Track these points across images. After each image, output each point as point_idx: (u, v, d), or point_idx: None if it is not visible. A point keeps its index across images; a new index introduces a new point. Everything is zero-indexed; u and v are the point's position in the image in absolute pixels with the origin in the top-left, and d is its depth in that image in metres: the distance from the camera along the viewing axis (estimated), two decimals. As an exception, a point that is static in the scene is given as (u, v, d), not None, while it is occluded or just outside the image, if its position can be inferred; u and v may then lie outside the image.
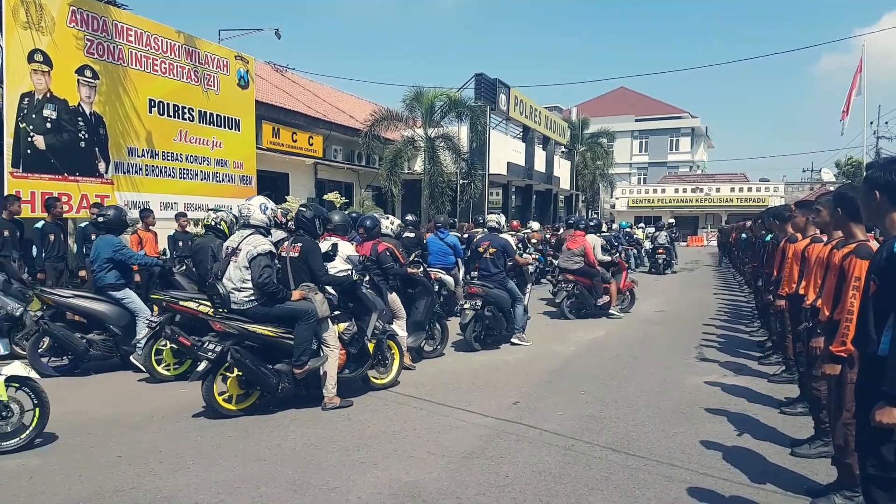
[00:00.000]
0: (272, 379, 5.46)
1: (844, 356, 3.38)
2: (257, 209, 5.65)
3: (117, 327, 6.90)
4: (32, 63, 10.16)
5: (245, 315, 5.41)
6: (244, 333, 5.39)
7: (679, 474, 4.24)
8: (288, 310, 5.50)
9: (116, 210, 7.38)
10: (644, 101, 61.76)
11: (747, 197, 46.22)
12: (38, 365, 6.50)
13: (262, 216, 5.66)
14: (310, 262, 5.74)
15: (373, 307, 6.28)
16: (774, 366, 7.20)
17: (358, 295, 6.21)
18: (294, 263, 5.77)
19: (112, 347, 6.94)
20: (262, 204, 5.73)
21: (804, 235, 5.67)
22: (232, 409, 5.46)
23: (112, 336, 6.91)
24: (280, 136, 19.13)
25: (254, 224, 5.61)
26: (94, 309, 6.89)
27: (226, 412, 5.40)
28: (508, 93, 27.03)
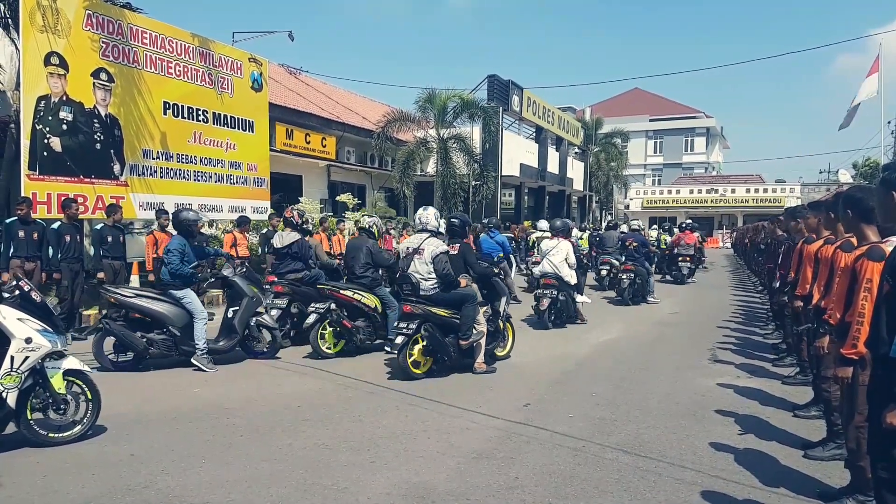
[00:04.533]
0: (449, 349, 6.89)
1: (855, 359, 3.34)
2: (432, 217, 7.16)
3: (176, 327, 7.07)
4: (49, 66, 10.28)
5: (430, 300, 6.87)
6: (428, 314, 6.80)
7: (690, 476, 4.21)
8: (460, 294, 6.96)
9: (188, 212, 7.60)
10: (658, 101, 61.41)
11: (763, 198, 45.88)
12: (101, 360, 6.84)
13: (436, 222, 7.18)
14: (467, 258, 7.30)
15: (503, 293, 7.76)
16: (789, 368, 7.14)
17: (492, 283, 7.65)
18: (453, 259, 7.08)
19: (171, 346, 7.09)
20: (435, 213, 7.27)
21: (818, 237, 5.61)
22: (417, 373, 6.84)
23: (171, 336, 7.07)
24: (293, 138, 19.23)
25: (429, 229, 7.06)
26: (155, 309, 7.06)
27: (414, 375, 6.79)
28: (521, 93, 27.00)
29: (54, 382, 4.70)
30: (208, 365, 7.08)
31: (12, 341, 4.53)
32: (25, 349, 4.54)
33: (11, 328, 4.54)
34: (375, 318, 8.02)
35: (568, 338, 9.41)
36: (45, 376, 4.68)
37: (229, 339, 7.40)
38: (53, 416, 4.74)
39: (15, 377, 4.51)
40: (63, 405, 4.75)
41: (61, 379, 4.73)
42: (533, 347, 8.66)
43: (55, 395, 4.71)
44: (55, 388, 4.70)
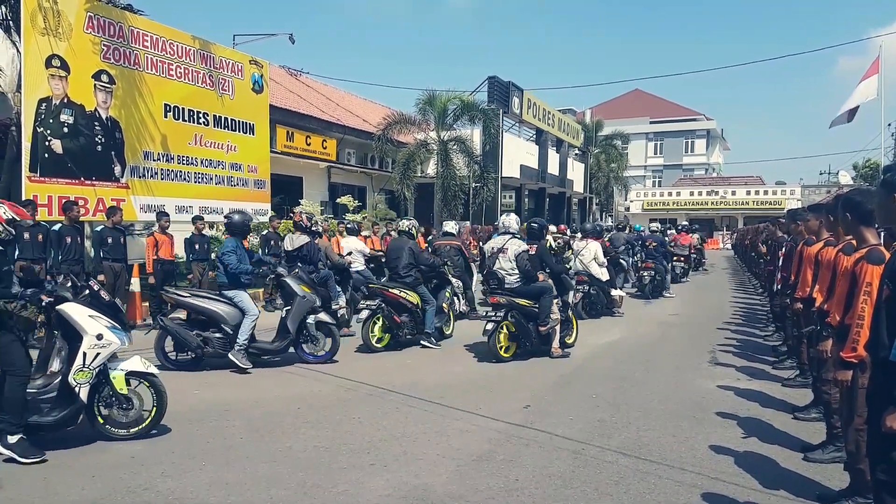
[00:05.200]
0: (531, 334, 7.85)
1: (855, 362, 3.35)
2: (514, 222, 8.27)
3: (230, 326, 7.21)
4: (50, 68, 10.30)
5: (513, 292, 7.84)
6: (512, 304, 7.76)
7: (690, 479, 4.22)
8: (538, 287, 7.92)
9: (242, 215, 7.81)
10: (659, 103, 61.44)
11: (763, 200, 45.91)
12: (161, 358, 7.04)
13: (516, 226, 8.24)
14: (543, 257, 8.38)
15: (570, 287, 8.85)
16: (789, 370, 7.14)
17: (562, 279, 8.59)
18: (531, 257, 7.99)
19: (226, 345, 7.21)
20: (516, 219, 8.35)
21: (818, 238, 5.61)
22: (506, 357, 7.79)
23: (225, 335, 7.21)
24: (294, 140, 19.26)
25: (511, 231, 8.10)
26: (210, 308, 7.25)
27: (502, 358, 7.71)
28: (521, 95, 27.03)
29: (116, 382, 4.84)
30: (244, 361, 7.14)
31: (84, 338, 4.67)
32: (97, 345, 4.68)
33: (84, 325, 4.67)
34: (417, 314, 8.59)
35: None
36: (107, 375, 4.82)
37: (282, 340, 7.51)
38: (119, 413, 4.91)
39: (87, 373, 4.66)
40: (127, 403, 4.91)
41: (123, 379, 4.87)
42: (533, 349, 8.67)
43: (118, 393, 4.86)
44: (117, 388, 4.85)
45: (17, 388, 4.45)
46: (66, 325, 4.73)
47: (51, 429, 4.67)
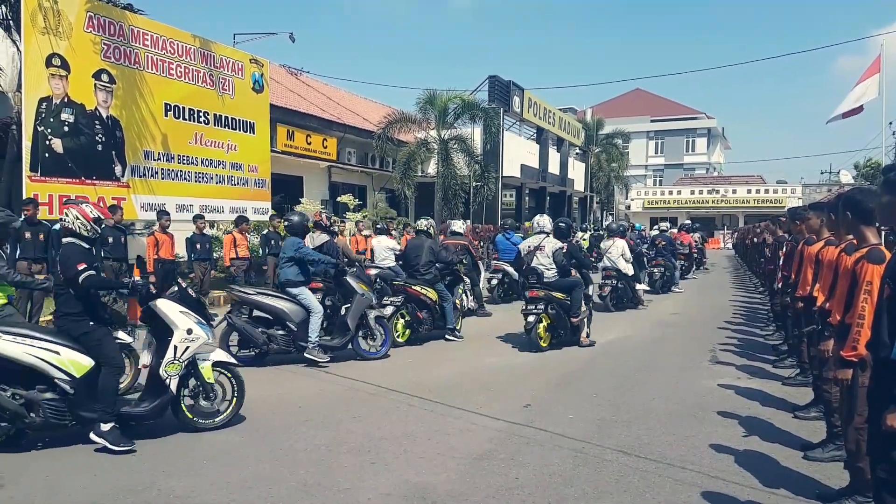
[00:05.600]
0: (567, 324, 8.51)
1: (855, 361, 3.35)
2: (547, 222, 8.96)
3: (294, 323, 7.41)
4: (50, 68, 10.32)
5: (549, 286, 8.47)
6: (549, 297, 8.40)
7: (690, 478, 4.22)
8: (571, 281, 8.64)
9: (300, 216, 8.10)
10: (659, 102, 61.37)
11: (764, 198, 45.86)
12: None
13: (550, 226, 8.89)
14: (574, 254, 9.17)
15: (590, 282, 9.25)
16: (789, 369, 7.14)
17: (583, 273, 9.16)
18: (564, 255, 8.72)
19: (289, 342, 7.43)
20: (549, 220, 9.05)
21: (819, 238, 5.61)
22: (544, 346, 8.34)
23: (289, 332, 7.41)
24: (294, 139, 19.26)
25: (546, 231, 8.80)
26: (275, 306, 7.44)
27: (541, 348, 8.29)
28: (522, 94, 27.01)
29: (204, 372, 5.08)
30: (320, 356, 7.39)
31: (175, 332, 4.92)
32: (186, 339, 4.93)
33: (175, 320, 4.93)
34: (435, 310, 8.99)
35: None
36: (196, 366, 5.05)
37: (342, 337, 7.71)
38: (203, 403, 5.12)
39: (177, 365, 4.89)
40: (212, 393, 5.13)
41: (210, 369, 5.12)
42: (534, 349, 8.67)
43: (206, 383, 5.09)
44: (206, 378, 5.08)
45: (112, 380, 4.71)
46: (156, 320, 4.99)
47: (141, 419, 4.87)
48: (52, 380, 4.59)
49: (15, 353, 4.52)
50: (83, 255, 4.73)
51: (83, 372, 4.62)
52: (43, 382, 4.61)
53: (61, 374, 4.59)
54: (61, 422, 4.63)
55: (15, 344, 4.53)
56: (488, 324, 10.77)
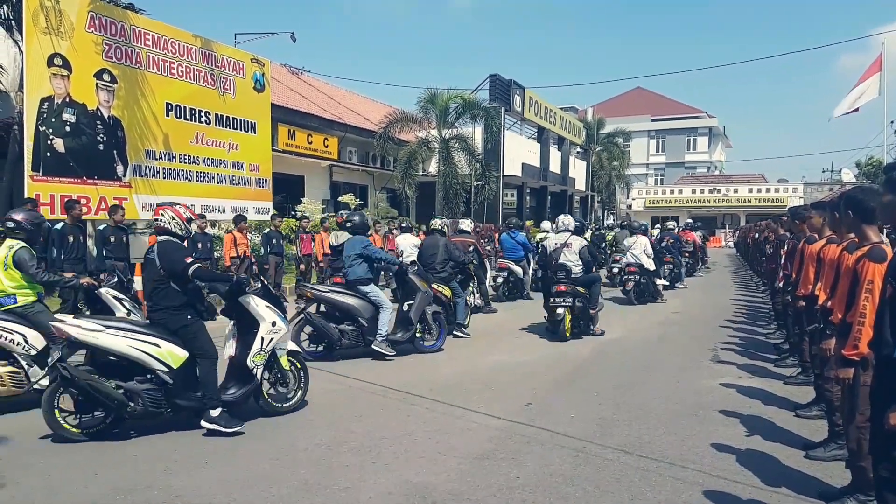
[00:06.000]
0: (588, 315, 9.27)
1: (856, 359, 3.34)
2: (571, 221, 9.68)
3: (364, 319, 7.73)
4: (52, 67, 10.32)
5: (576, 282, 9.12)
6: (575, 292, 8.98)
7: (691, 477, 4.22)
8: (593, 277, 9.48)
9: (361, 216, 8.47)
10: (661, 100, 61.30)
11: (766, 197, 45.80)
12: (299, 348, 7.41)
13: (573, 224, 9.63)
14: (591, 252, 9.67)
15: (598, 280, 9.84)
16: (791, 368, 7.13)
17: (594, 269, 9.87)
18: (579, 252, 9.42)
19: (359, 337, 7.76)
20: (571, 219, 9.77)
21: (821, 236, 5.60)
22: (568, 337, 8.98)
23: (359, 327, 7.74)
24: (295, 139, 19.27)
25: (570, 229, 9.50)
26: (346, 302, 7.76)
27: (566, 338, 8.94)
28: (523, 94, 26.99)
29: (282, 361, 5.52)
30: (388, 349, 7.73)
31: (261, 325, 5.28)
32: (271, 331, 5.32)
33: (262, 313, 5.31)
34: (449, 307, 9.19)
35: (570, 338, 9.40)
36: (275, 356, 5.46)
37: (406, 332, 8.09)
38: (280, 389, 5.57)
39: (262, 355, 5.28)
40: (287, 380, 5.57)
41: (286, 358, 5.57)
42: (534, 347, 8.68)
43: (283, 371, 5.53)
44: (283, 366, 5.52)
45: (211, 370, 5.04)
46: (242, 313, 5.34)
47: (231, 405, 5.17)
48: (150, 370, 4.88)
49: (119, 346, 4.82)
50: (186, 251, 5.19)
51: (179, 363, 4.93)
52: (141, 373, 4.90)
53: (161, 365, 4.88)
54: (158, 410, 4.93)
55: (118, 338, 4.82)
56: (493, 321, 10.83)
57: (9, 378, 5.46)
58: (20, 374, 5.52)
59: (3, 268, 5.60)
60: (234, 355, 5.32)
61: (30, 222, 5.85)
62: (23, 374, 5.52)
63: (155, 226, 5.26)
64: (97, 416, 4.84)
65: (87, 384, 4.65)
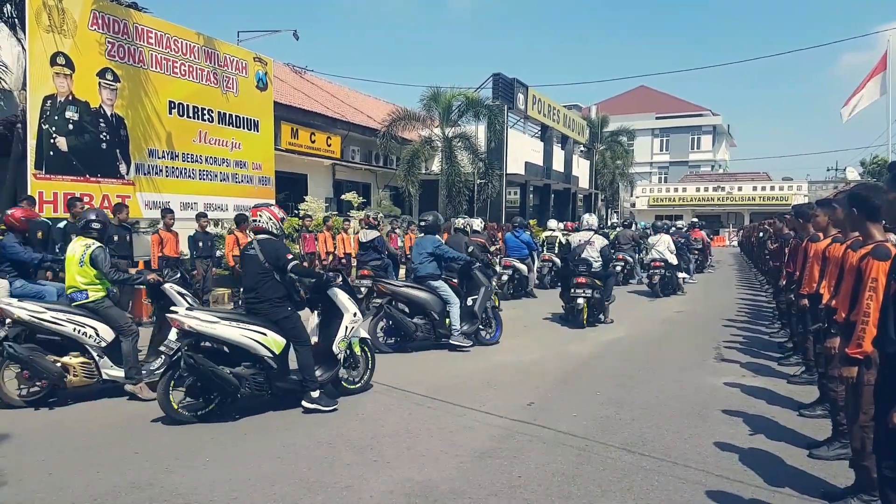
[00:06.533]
0: (602, 305, 10.34)
1: (860, 358, 3.32)
2: (595, 220, 10.99)
3: (436, 313, 8.18)
4: (55, 66, 10.33)
5: (596, 276, 10.10)
6: (593, 284, 9.99)
7: (694, 476, 4.20)
8: (610, 272, 10.74)
9: (434, 216, 8.94)
10: (665, 99, 61.13)
11: (770, 196, 45.67)
12: (375, 342, 7.71)
13: (595, 222, 10.93)
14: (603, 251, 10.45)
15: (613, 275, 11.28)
16: (795, 367, 7.10)
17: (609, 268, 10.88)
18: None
19: (430, 331, 8.21)
20: (595, 219, 11.06)
21: (826, 235, 5.57)
22: (585, 324, 9.98)
23: (431, 321, 8.16)
24: (298, 137, 19.25)
25: (593, 228, 10.69)
26: (420, 297, 8.21)
27: (583, 325, 9.95)
28: (526, 92, 26.93)
29: (355, 348, 6.12)
30: (465, 342, 8.19)
31: (345, 315, 5.87)
32: (353, 321, 5.93)
33: (346, 305, 5.93)
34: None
35: (573, 336, 9.40)
36: (350, 343, 5.99)
37: (471, 325, 8.44)
38: (352, 372, 6.14)
39: (345, 342, 5.88)
40: (358, 364, 6.15)
41: (358, 344, 6.16)
42: (538, 346, 8.66)
43: (355, 356, 6.13)
44: (356, 352, 6.12)
45: (308, 354, 5.55)
46: (328, 304, 5.95)
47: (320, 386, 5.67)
48: (256, 357, 5.38)
49: (233, 335, 5.30)
50: (287, 248, 5.68)
51: (280, 349, 5.46)
52: (247, 359, 5.38)
53: (267, 351, 5.39)
54: (261, 393, 5.45)
55: (232, 328, 5.32)
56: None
57: (81, 368, 5.77)
58: (91, 365, 5.82)
59: (79, 265, 5.87)
60: (318, 342, 5.87)
61: (102, 223, 6.18)
62: (93, 366, 5.83)
63: (254, 226, 5.73)
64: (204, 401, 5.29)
65: (210, 371, 5.11)
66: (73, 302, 5.91)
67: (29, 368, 5.54)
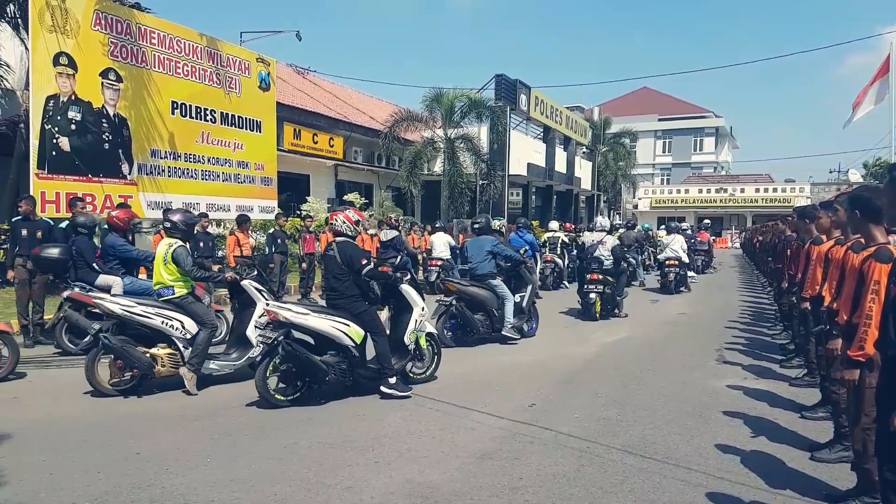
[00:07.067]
0: (614, 300, 11.21)
1: (862, 361, 3.30)
2: (607, 222, 12.09)
3: (494, 309, 8.69)
4: (58, 66, 10.35)
5: (607, 273, 11.00)
6: (605, 280, 10.94)
7: (696, 478, 4.19)
8: (621, 269, 11.60)
9: (486, 218, 9.64)
10: (667, 100, 61.07)
11: (772, 198, 45.61)
12: (443, 337, 8.17)
13: (608, 224, 11.98)
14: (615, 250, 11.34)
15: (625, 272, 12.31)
16: (797, 369, 7.08)
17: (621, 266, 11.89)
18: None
19: (489, 326, 8.71)
20: (608, 221, 12.22)
21: (829, 237, 5.56)
22: (598, 317, 10.85)
23: (489, 317, 8.69)
24: (301, 138, 19.28)
25: (606, 229, 11.65)
26: (481, 294, 8.66)
27: (597, 318, 10.82)
28: (529, 93, 26.92)
29: (421, 340, 6.53)
30: (515, 334, 8.79)
31: (415, 309, 6.37)
32: (422, 315, 6.42)
33: (416, 300, 6.42)
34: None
35: (575, 337, 9.38)
36: (417, 336, 6.44)
37: (520, 318, 9.04)
38: (418, 364, 6.59)
39: (414, 334, 6.36)
40: (424, 356, 6.64)
41: (425, 338, 6.57)
42: (540, 347, 8.66)
43: (421, 349, 6.57)
44: (422, 345, 6.56)
45: (385, 344, 6.01)
46: (400, 300, 6.44)
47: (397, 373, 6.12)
48: (339, 346, 5.82)
49: (324, 326, 5.78)
50: (362, 252, 6.16)
51: (360, 340, 5.92)
52: (332, 349, 5.83)
53: (350, 341, 5.86)
54: (344, 379, 5.88)
55: (322, 319, 5.80)
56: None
57: (168, 359, 6.16)
58: (177, 356, 6.20)
59: (164, 263, 6.24)
60: (389, 335, 6.29)
61: (184, 223, 6.48)
62: (179, 356, 6.20)
63: (333, 229, 6.22)
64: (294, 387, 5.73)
65: (306, 358, 5.58)
66: (160, 297, 6.31)
67: (122, 358, 5.91)
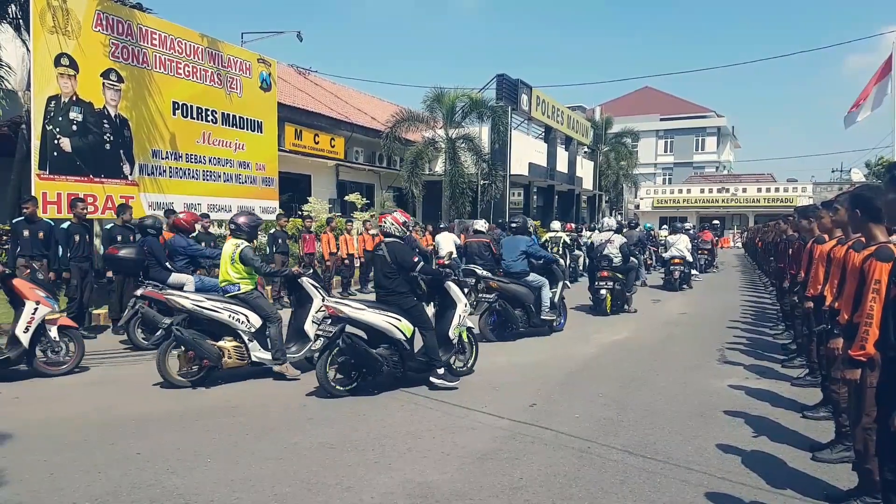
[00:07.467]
0: (624, 296, 11.72)
1: (863, 360, 3.30)
2: (614, 222, 12.79)
3: (531, 304, 9.15)
4: (59, 67, 10.33)
5: (616, 270, 11.53)
6: (615, 277, 11.46)
7: (696, 478, 4.18)
8: (630, 266, 11.96)
9: (523, 219, 10.01)
10: (669, 100, 61.04)
11: (774, 197, 45.55)
12: (484, 332, 8.83)
13: (615, 223, 12.72)
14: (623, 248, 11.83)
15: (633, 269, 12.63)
16: (798, 369, 7.07)
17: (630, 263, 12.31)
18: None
19: (526, 321, 9.15)
20: (615, 221, 12.93)
21: (830, 237, 5.54)
22: (609, 313, 11.30)
23: (527, 312, 9.13)
24: (302, 138, 19.26)
25: (613, 229, 12.25)
26: (520, 291, 9.10)
27: (607, 314, 11.29)
28: (530, 93, 26.90)
29: (462, 334, 6.85)
30: (553, 315, 9.39)
31: (458, 305, 6.69)
32: (464, 311, 6.74)
33: (460, 296, 6.75)
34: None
35: (575, 338, 9.38)
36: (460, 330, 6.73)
37: (551, 312, 9.46)
38: (460, 357, 6.95)
39: (458, 329, 6.69)
40: (465, 350, 6.98)
41: (465, 332, 6.91)
42: (540, 347, 8.65)
43: (462, 343, 6.90)
44: (463, 339, 6.89)
45: (433, 337, 6.31)
46: (444, 296, 6.77)
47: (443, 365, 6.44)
48: (392, 339, 6.14)
49: (379, 320, 6.10)
50: (413, 251, 6.56)
51: (410, 334, 6.23)
52: (385, 342, 6.14)
53: (402, 335, 6.16)
54: (396, 371, 6.21)
55: (376, 314, 6.12)
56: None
57: (234, 351, 6.49)
58: (242, 348, 6.54)
59: (231, 262, 6.63)
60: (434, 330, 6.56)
61: (248, 225, 6.84)
62: (244, 349, 6.55)
63: (382, 230, 6.51)
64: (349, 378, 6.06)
65: (364, 350, 5.92)
66: (226, 293, 6.71)
67: (194, 350, 6.25)
